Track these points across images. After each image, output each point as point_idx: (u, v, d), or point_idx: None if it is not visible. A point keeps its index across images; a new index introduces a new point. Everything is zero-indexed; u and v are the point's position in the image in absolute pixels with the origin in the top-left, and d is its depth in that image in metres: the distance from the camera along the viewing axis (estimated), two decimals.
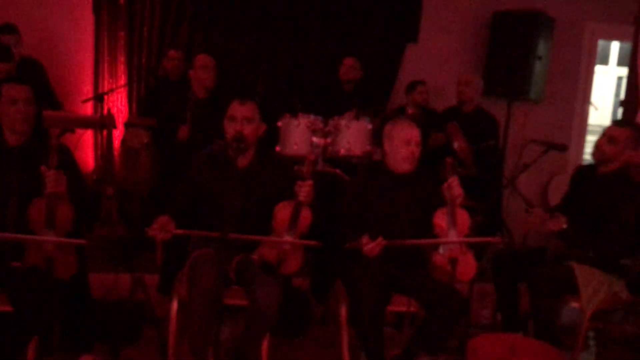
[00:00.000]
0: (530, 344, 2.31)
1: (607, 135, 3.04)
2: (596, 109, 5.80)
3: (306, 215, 2.66)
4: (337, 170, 3.97)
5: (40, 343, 2.49)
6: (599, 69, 6.17)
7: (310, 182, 2.62)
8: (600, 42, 5.88)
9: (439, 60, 5.44)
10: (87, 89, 5.01)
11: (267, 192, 2.75)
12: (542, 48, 5.07)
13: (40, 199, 2.45)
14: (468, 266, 2.76)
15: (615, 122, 3.12)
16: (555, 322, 3.03)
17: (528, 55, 5.00)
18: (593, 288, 2.90)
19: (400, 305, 2.81)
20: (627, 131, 3.02)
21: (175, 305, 2.70)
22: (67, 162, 2.50)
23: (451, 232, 2.76)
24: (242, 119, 2.71)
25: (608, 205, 3.00)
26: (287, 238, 2.64)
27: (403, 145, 2.86)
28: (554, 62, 5.37)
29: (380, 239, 2.66)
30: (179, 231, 2.53)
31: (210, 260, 2.60)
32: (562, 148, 3.17)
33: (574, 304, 2.96)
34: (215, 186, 2.74)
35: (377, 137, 4.06)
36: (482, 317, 3.55)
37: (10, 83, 2.62)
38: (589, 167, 3.24)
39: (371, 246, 2.65)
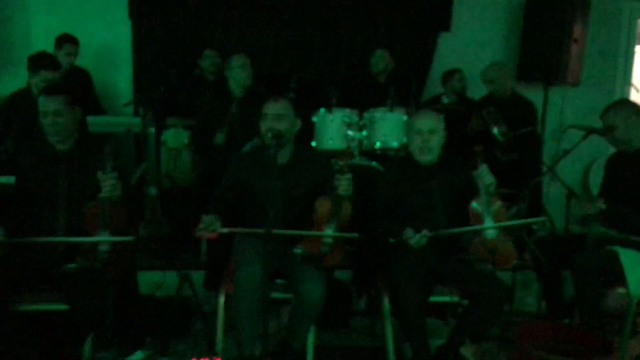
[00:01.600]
0: (577, 331, 2.30)
1: (606, 127, 3.13)
2: (637, 90, 5.66)
3: (346, 208, 2.69)
4: (374, 163, 3.97)
5: (95, 339, 2.60)
6: (638, 49, 6.01)
7: (349, 175, 2.65)
8: (639, 21, 5.74)
9: (473, 47, 5.40)
10: (127, 93, 5.14)
11: (307, 187, 2.81)
12: (578, 31, 4.97)
13: (96, 203, 2.53)
14: (508, 254, 2.74)
15: (602, 113, 3.20)
16: (601, 309, 3.00)
17: (564, 39, 4.91)
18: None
19: (442, 295, 2.82)
20: (614, 112, 3.12)
21: (222, 300, 2.78)
22: (118, 166, 2.58)
23: (487, 220, 2.75)
24: (276, 116, 2.77)
25: None
26: (328, 231, 2.68)
27: (415, 135, 2.88)
28: (590, 44, 5.28)
29: (425, 232, 2.68)
30: (225, 229, 2.59)
31: (254, 256, 2.66)
32: (603, 132, 3.13)
33: (620, 290, 2.92)
34: (257, 183, 2.81)
35: None
36: (527, 305, 3.53)
37: (43, 96, 2.70)
38: (618, 152, 3.26)
39: (416, 239, 2.67)
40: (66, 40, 4.57)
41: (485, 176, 2.73)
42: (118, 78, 5.21)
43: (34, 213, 2.68)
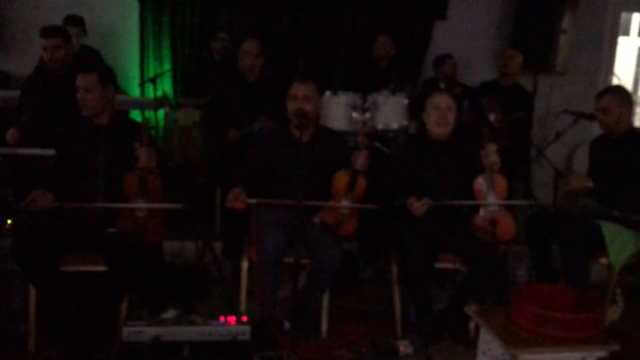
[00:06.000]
0: (571, 292, 2.57)
1: (600, 109, 3.32)
2: (619, 80, 5.97)
3: (362, 182, 2.94)
4: (376, 144, 4.21)
5: (131, 299, 2.83)
6: (620, 40, 6.31)
7: (365, 152, 2.90)
8: (622, 14, 6.03)
9: (467, 35, 5.65)
10: (134, 73, 5.30)
11: (327, 162, 3.04)
12: (566, 22, 5.24)
13: (133, 173, 2.73)
14: (508, 227, 3.01)
15: (599, 94, 3.39)
16: (585, 279, 3.27)
17: (553, 29, 5.18)
18: (620, 244, 3.14)
19: (446, 262, 3.09)
20: (611, 96, 3.31)
21: (245, 265, 3.02)
22: (151, 138, 2.78)
23: (490, 196, 3.01)
24: (302, 97, 2.99)
25: (628, 163, 3.26)
26: (345, 203, 2.93)
27: (434, 110, 3.13)
28: (578, 35, 5.55)
29: (426, 199, 2.93)
30: (254, 200, 2.82)
31: (276, 225, 2.91)
32: (593, 117, 3.40)
33: (603, 260, 3.21)
34: (282, 159, 3.04)
35: (412, 110, 4.32)
36: (518, 276, 3.82)
37: (79, 73, 2.86)
38: (603, 136, 3.48)
39: (418, 205, 2.92)
40: (67, 22, 4.55)
41: (491, 155, 2.98)
42: (125, 57, 5.33)
43: (73, 182, 2.87)
